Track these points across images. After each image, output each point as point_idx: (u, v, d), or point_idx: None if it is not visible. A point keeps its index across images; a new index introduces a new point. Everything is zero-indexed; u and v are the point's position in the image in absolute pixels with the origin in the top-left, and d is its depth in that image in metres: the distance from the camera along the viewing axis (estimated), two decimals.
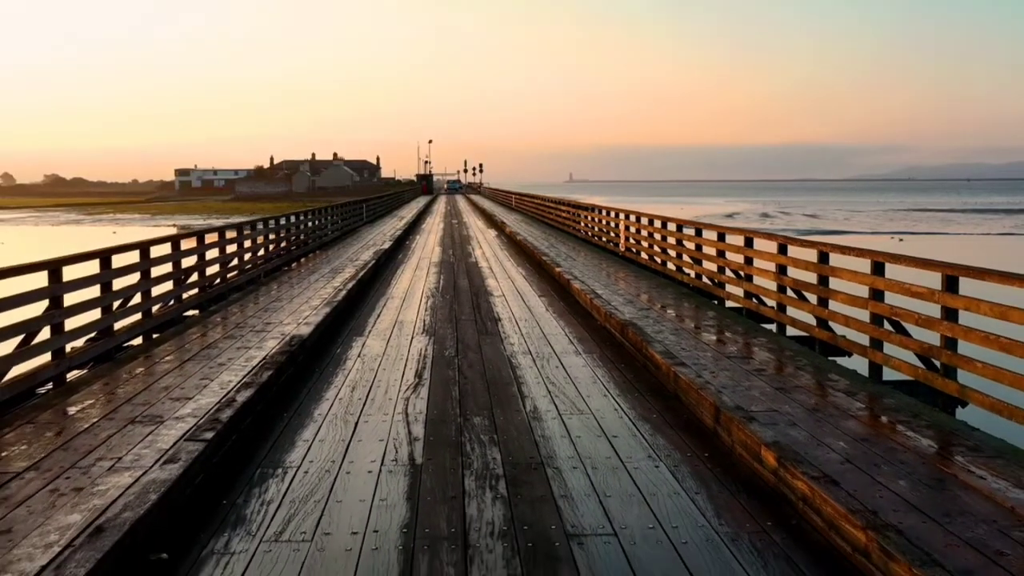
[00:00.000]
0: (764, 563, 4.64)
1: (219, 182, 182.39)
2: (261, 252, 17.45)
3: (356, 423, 7.18)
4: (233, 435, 6.64)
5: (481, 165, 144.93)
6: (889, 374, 8.32)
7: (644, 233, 18.88)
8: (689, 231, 15.51)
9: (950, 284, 7.26)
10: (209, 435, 6.22)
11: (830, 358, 9.45)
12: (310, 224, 23.73)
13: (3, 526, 4.84)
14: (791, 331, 10.78)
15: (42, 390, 8.21)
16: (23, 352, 7.74)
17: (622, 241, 20.98)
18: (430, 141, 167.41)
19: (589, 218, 26.30)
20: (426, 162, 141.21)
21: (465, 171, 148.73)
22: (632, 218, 20.23)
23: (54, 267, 8.35)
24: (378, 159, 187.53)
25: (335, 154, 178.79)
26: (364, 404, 7.81)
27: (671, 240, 16.53)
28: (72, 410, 7.31)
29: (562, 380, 8.75)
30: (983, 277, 7.06)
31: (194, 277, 13.02)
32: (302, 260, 21.16)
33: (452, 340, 10.90)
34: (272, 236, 18.65)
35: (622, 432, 6.92)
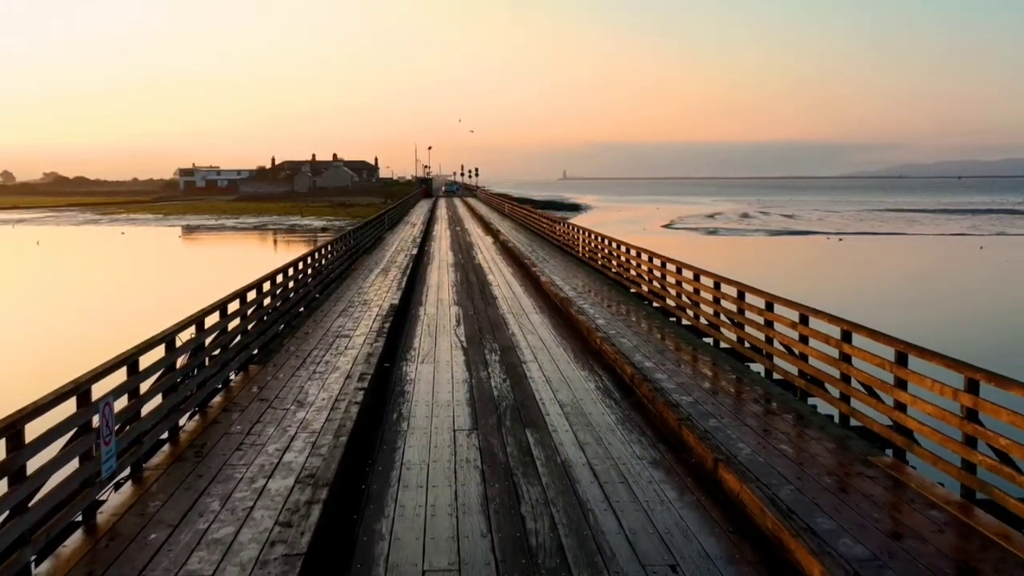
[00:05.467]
0: (587, 372, 13.96)
1: (222, 182, 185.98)
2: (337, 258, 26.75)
3: (435, 336, 16.57)
4: (388, 339, 15.92)
5: (477, 169, 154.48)
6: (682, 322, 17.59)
7: (593, 245, 28.20)
8: (614, 245, 24.81)
9: (701, 280, 16.59)
10: (384, 337, 15.56)
11: (669, 318, 18.67)
12: (359, 236, 33.00)
13: (323, 364, 14.07)
14: (656, 304, 20.07)
15: (281, 328, 17.41)
16: (267, 325, 16.94)
17: (580, 248, 30.32)
18: (430, 148, 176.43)
19: (561, 229, 35.68)
20: (425, 167, 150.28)
21: (463, 174, 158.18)
22: (587, 233, 29.58)
23: (269, 277, 17.61)
24: (376, 160, 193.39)
25: (335, 155, 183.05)
26: (436, 331, 17.19)
27: (607, 250, 25.84)
28: (302, 333, 16.55)
29: (527, 323, 18.10)
30: (725, 282, 16.40)
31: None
32: (356, 262, 30.35)
33: (471, 307, 20.27)
34: (343, 247, 27.91)
35: (548, 338, 16.33)
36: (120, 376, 8.82)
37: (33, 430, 6.80)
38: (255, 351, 14.75)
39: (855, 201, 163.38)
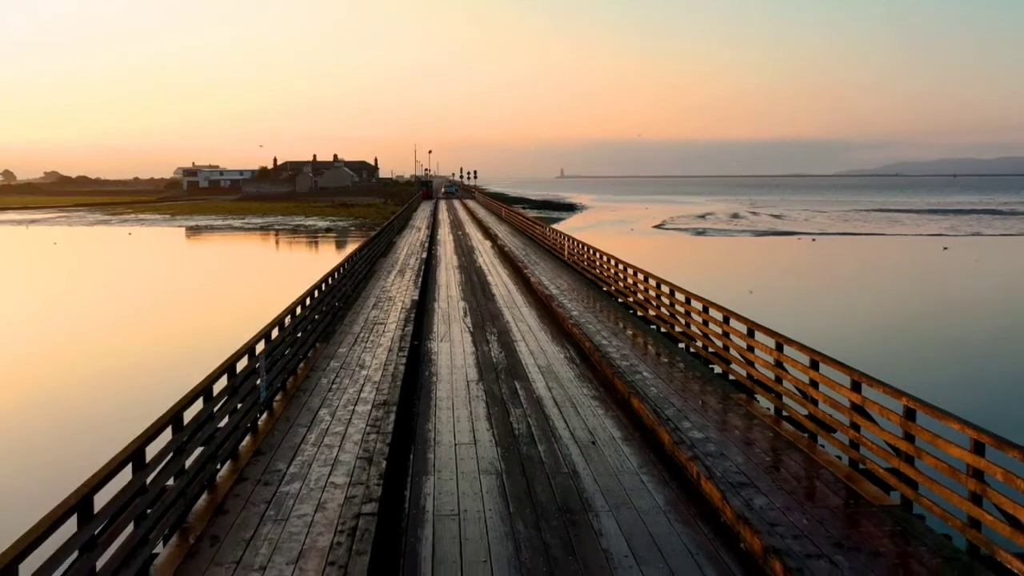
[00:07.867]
0: (559, 347, 19.35)
1: (225, 182, 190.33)
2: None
3: (449, 324, 22.02)
4: (414, 325, 21.28)
5: (475, 172, 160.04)
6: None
7: (576, 250, 33.57)
8: (591, 251, 30.17)
9: (648, 281, 22.02)
10: (411, 324, 20.95)
11: (629, 311, 24.00)
12: (376, 242, 38.39)
13: (370, 342, 19.44)
14: (621, 300, 25.42)
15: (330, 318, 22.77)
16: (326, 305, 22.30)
17: (566, 253, 35.74)
18: (430, 151, 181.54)
19: (550, 235, 41.10)
20: (426, 170, 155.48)
21: (462, 176, 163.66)
22: (571, 240, 35.00)
23: (324, 279, 23.02)
24: (376, 160, 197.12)
25: (335, 156, 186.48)
26: (449, 320, 22.64)
27: (586, 255, 31.23)
28: (348, 321, 21.90)
29: (518, 314, 23.53)
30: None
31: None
32: (375, 265, 35.69)
33: (475, 302, 25.72)
34: (366, 252, 33.30)
35: (534, 324, 21.80)
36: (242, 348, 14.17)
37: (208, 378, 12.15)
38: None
39: (845, 201, 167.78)
